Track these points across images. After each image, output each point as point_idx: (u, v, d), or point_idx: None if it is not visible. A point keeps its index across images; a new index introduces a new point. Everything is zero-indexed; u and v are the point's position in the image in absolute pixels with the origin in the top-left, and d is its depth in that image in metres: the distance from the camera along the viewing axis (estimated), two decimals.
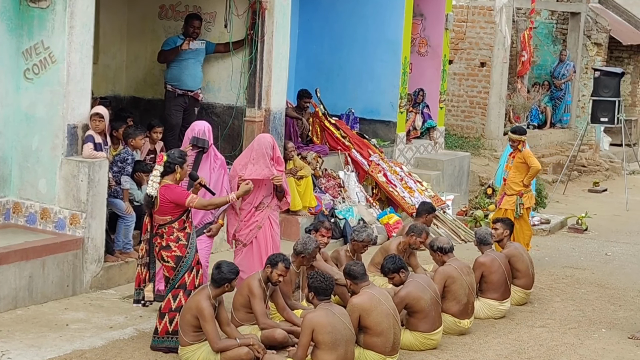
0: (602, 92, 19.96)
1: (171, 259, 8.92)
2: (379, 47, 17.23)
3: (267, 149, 10.21)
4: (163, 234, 8.93)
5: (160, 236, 8.96)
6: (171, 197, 8.88)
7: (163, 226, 8.94)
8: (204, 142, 9.85)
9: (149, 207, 8.94)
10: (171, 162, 8.95)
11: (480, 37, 22.21)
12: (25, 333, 9.21)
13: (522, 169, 13.20)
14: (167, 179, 8.95)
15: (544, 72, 25.44)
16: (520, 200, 13.14)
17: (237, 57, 13.64)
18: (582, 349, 10.16)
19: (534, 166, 13.16)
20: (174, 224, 8.94)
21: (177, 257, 8.92)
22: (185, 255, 8.95)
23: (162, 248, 8.93)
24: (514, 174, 13.24)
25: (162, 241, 8.94)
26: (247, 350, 8.59)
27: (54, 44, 10.53)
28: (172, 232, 8.93)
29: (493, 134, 22.09)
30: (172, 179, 8.98)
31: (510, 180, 13.26)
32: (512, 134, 13.39)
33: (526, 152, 13.31)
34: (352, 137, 15.97)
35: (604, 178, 23.38)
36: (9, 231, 10.66)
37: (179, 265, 8.93)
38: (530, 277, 11.77)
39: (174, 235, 8.94)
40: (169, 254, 8.92)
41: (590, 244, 15.64)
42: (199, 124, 10.02)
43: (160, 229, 8.95)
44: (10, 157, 10.84)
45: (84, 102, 10.74)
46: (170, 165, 8.95)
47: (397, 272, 9.80)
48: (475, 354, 9.78)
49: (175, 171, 8.98)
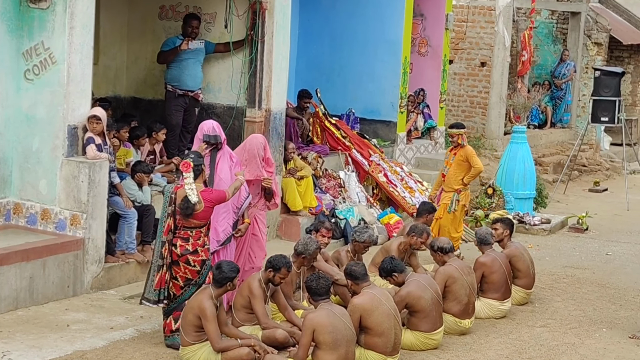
0: (603, 91, 19.95)
1: (197, 263, 9.03)
2: (380, 47, 17.24)
3: (259, 150, 10.22)
4: (189, 238, 9.01)
5: (185, 239, 9.01)
6: (214, 198, 9.07)
7: (190, 229, 9.02)
8: (217, 138, 9.74)
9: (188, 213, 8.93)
10: (197, 164, 9.02)
11: (481, 37, 22.21)
12: (26, 334, 9.21)
13: (463, 166, 13.11)
14: (198, 182, 9.05)
15: (544, 71, 25.43)
16: (457, 196, 13.06)
17: (237, 57, 13.63)
18: (583, 348, 10.16)
19: (476, 167, 13.09)
20: (202, 229, 9.07)
21: (202, 260, 9.05)
22: (209, 257, 9.17)
23: (188, 252, 8.99)
24: (455, 171, 13.16)
25: (186, 245, 8.99)
26: (248, 350, 8.59)
27: (54, 44, 10.53)
28: (200, 237, 9.05)
29: (493, 134, 22.08)
30: (201, 181, 9.14)
31: (450, 177, 13.17)
32: (450, 129, 13.32)
33: (469, 151, 13.22)
34: (352, 137, 15.98)
35: (604, 178, 23.38)
36: (10, 232, 10.66)
37: (203, 268, 9.06)
38: (531, 277, 11.76)
39: (201, 240, 9.06)
40: (196, 259, 9.03)
41: (590, 244, 15.64)
42: (207, 123, 9.91)
43: (185, 232, 9.02)
44: (11, 158, 10.84)
45: (84, 102, 10.74)
46: (198, 167, 9.05)
47: (389, 276, 9.80)
48: (476, 354, 9.78)
49: (202, 171, 9.15)
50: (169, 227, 9.04)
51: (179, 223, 9.03)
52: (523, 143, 17.23)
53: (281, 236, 13.76)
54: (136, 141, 12.37)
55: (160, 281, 9.03)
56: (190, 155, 9.16)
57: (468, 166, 13.13)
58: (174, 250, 8.99)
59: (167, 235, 9.03)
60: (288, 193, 13.73)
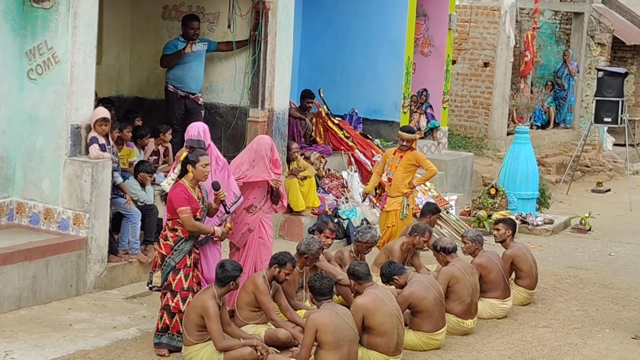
0: (606, 92, 19.95)
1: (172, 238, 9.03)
2: (382, 48, 17.23)
3: (267, 150, 10.06)
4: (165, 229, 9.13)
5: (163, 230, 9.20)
6: (171, 196, 8.99)
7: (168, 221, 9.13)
8: (200, 143, 9.45)
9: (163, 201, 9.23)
10: (186, 161, 9.00)
11: (484, 37, 22.20)
12: (28, 333, 9.21)
13: (411, 170, 12.79)
14: (184, 179, 9.03)
15: (547, 72, 25.43)
16: (407, 201, 12.76)
17: (240, 57, 13.64)
18: (585, 349, 10.16)
19: (432, 169, 12.80)
20: (169, 222, 9.08)
21: (162, 254, 9.06)
22: (170, 255, 9.01)
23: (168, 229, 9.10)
24: (402, 175, 12.75)
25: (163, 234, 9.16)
26: (251, 350, 8.59)
27: (57, 44, 10.53)
28: (165, 230, 9.12)
29: (496, 134, 22.08)
30: (188, 179, 9.03)
31: (398, 181, 12.77)
32: (405, 132, 12.93)
33: (420, 155, 12.95)
34: (355, 137, 15.97)
35: (607, 178, 23.38)
36: (13, 231, 10.67)
37: (163, 264, 9.04)
38: (533, 277, 11.76)
39: (165, 232, 9.09)
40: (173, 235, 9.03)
41: (593, 244, 15.64)
42: (193, 126, 9.67)
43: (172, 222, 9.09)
44: (14, 157, 10.84)
45: (87, 102, 10.74)
46: (185, 164, 9.00)
47: (390, 280, 9.79)
48: (479, 354, 9.77)
49: (187, 171, 8.99)
50: None
51: None
52: (526, 143, 17.23)
53: (284, 236, 13.76)
54: (139, 141, 12.38)
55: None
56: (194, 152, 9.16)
57: (415, 169, 12.83)
58: None
59: None
60: (291, 193, 13.72)
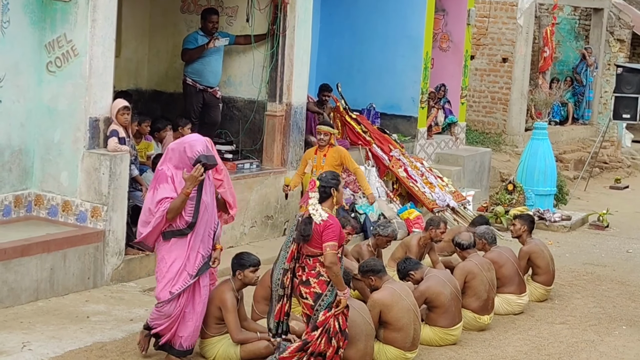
0: (625, 88, 19.91)
1: (310, 295, 8.09)
2: (401, 43, 17.21)
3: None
4: (305, 266, 8.11)
5: (303, 268, 8.13)
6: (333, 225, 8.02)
7: (308, 257, 8.12)
8: (209, 159, 8.20)
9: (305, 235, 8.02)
10: (325, 185, 8.14)
11: (502, 32, 22.15)
12: (46, 325, 9.25)
13: (338, 169, 12.25)
14: (325, 207, 8.12)
15: (566, 67, 25.36)
16: None
17: (258, 51, 13.64)
18: (602, 346, 10.13)
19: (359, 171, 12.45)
20: (321, 257, 8.04)
21: (315, 294, 8.07)
22: (326, 293, 8.09)
23: (301, 283, 8.12)
24: None
25: (303, 275, 8.12)
26: (267, 344, 8.59)
27: (76, 37, 10.56)
28: (315, 267, 8.10)
29: (514, 130, 22.04)
30: (329, 206, 8.17)
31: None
32: (325, 126, 12.51)
33: (343, 151, 12.52)
34: (373, 132, 15.96)
35: (625, 175, 23.30)
36: (31, 223, 10.71)
37: (318, 303, 8.08)
38: (550, 273, 11.74)
39: (317, 270, 8.09)
40: (308, 290, 8.09)
41: (611, 241, 15.59)
42: (199, 141, 8.30)
43: (305, 260, 8.14)
44: (33, 149, 10.88)
45: (106, 95, 10.77)
46: (325, 189, 8.15)
47: (406, 276, 9.78)
48: (495, 350, 9.76)
49: (331, 195, 8.17)
50: (292, 254, 8.18)
51: (302, 250, 8.16)
52: (544, 139, 17.19)
53: None
54: (157, 134, 12.41)
55: (280, 313, 8.27)
56: (326, 175, 8.29)
57: (340, 168, 12.37)
58: (295, 280, 8.18)
59: (290, 262, 8.19)
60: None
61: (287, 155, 13.53)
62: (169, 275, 8.25)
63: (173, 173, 8.22)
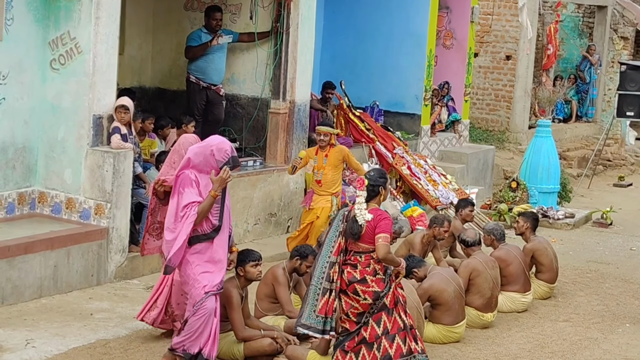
0: (629, 86, 19.88)
1: (368, 295, 8.00)
2: (404, 40, 17.21)
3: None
4: (357, 264, 8.04)
5: (354, 266, 8.05)
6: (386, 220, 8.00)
7: (359, 254, 8.07)
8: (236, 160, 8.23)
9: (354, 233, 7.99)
10: (374, 184, 8.09)
11: (506, 30, 22.14)
12: (49, 322, 9.26)
13: (340, 168, 12.23)
14: (372, 203, 8.10)
15: (570, 65, 25.34)
16: (337, 200, 12.31)
17: (262, 49, 13.65)
18: (605, 343, 10.13)
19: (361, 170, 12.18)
20: (373, 254, 8.01)
21: (374, 292, 7.99)
22: (384, 290, 8.05)
23: (356, 281, 8.00)
24: (333, 174, 12.13)
25: (354, 272, 8.03)
26: (271, 341, 8.61)
27: (80, 34, 10.57)
28: (369, 264, 8.02)
29: (518, 128, 22.04)
30: (377, 202, 8.15)
31: (329, 181, 12.13)
32: (325, 126, 12.24)
33: (346, 150, 12.34)
34: (376, 130, 15.96)
35: (629, 172, 23.29)
36: (35, 221, 10.72)
37: (376, 302, 8.01)
38: (554, 271, 11.73)
39: (371, 267, 8.02)
40: (365, 289, 7.99)
41: (614, 239, 15.58)
42: (224, 143, 8.21)
43: (355, 257, 8.08)
44: (36, 147, 10.89)
45: (109, 92, 10.78)
46: (374, 188, 8.10)
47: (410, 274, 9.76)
48: (499, 347, 9.76)
49: (379, 193, 8.14)
50: (339, 247, 8.04)
51: (349, 246, 8.10)
52: (548, 137, 17.17)
53: None
54: (161, 132, 12.42)
55: (328, 308, 8.00)
56: (373, 173, 8.25)
57: (342, 166, 12.30)
58: (342, 277, 8.04)
59: (337, 256, 8.05)
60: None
61: (291, 152, 13.54)
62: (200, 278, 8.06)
63: (197, 176, 8.08)
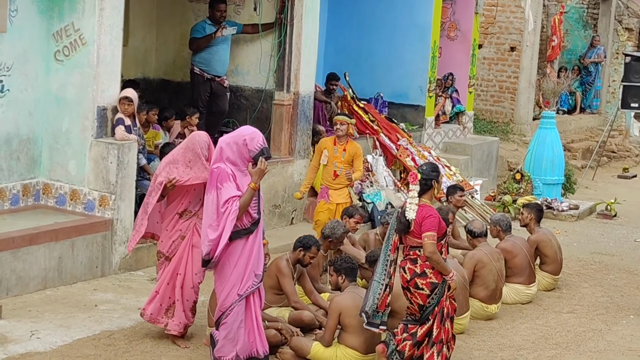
0: (633, 77, 19.86)
1: (427, 286, 8.05)
2: (408, 31, 17.18)
3: (203, 149, 8.56)
4: (417, 259, 8.08)
5: (413, 261, 8.11)
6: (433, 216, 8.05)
7: (417, 248, 8.09)
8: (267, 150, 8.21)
9: (401, 229, 8.08)
10: (427, 178, 8.09)
11: (510, 21, 22.10)
12: (54, 313, 9.27)
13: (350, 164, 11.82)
14: (424, 198, 8.12)
15: (574, 56, 25.31)
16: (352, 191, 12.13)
17: (266, 40, 13.64)
18: (609, 335, 10.13)
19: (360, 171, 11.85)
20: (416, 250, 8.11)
21: (432, 284, 8.06)
22: (441, 282, 8.08)
23: (416, 275, 8.05)
24: (346, 168, 11.77)
25: (414, 267, 8.08)
26: (275, 332, 8.61)
27: (84, 26, 10.56)
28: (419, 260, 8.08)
29: (522, 119, 22.02)
30: (429, 197, 8.16)
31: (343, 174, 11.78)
32: (342, 116, 12.03)
33: (360, 151, 11.87)
34: (380, 121, 15.95)
35: (633, 164, 23.28)
36: (39, 212, 10.73)
37: (434, 292, 8.07)
38: (558, 262, 11.73)
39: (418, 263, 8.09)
40: (424, 281, 8.05)
41: (619, 230, 15.57)
42: (256, 133, 8.14)
43: (414, 252, 8.12)
44: (41, 138, 10.90)
45: (113, 84, 10.78)
46: (427, 182, 8.10)
47: None
48: (503, 339, 9.76)
49: (432, 187, 8.15)
50: (394, 245, 8.15)
51: (406, 242, 8.15)
52: (552, 128, 17.15)
53: (308, 219, 13.76)
54: (165, 123, 12.42)
55: (384, 303, 8.17)
56: (422, 166, 8.25)
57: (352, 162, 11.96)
58: (404, 275, 8.11)
59: (394, 253, 8.15)
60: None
61: (295, 144, 13.53)
62: (234, 278, 7.97)
63: (232, 170, 7.95)
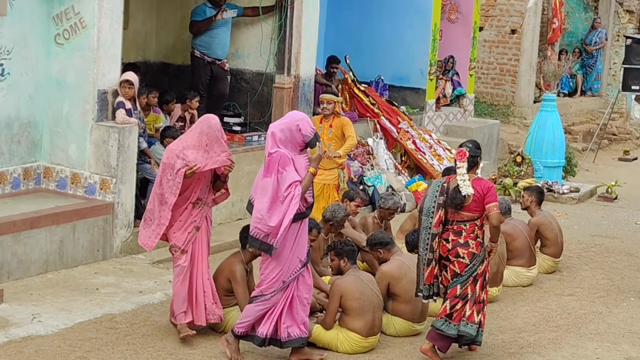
0: (634, 60, 19.84)
1: (467, 255, 8.32)
2: (409, 14, 17.14)
3: (219, 131, 8.41)
4: (462, 231, 8.33)
5: (458, 233, 8.34)
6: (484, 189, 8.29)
7: (463, 222, 8.34)
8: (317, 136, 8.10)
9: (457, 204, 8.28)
10: (473, 155, 8.35)
11: (511, 4, 22.05)
12: (55, 297, 9.29)
13: (341, 139, 11.95)
14: (471, 174, 8.37)
15: (575, 39, 25.26)
16: (343, 172, 12.22)
17: (266, 23, 13.60)
18: (610, 317, 10.15)
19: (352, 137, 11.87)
20: (476, 221, 8.38)
21: (472, 254, 8.33)
22: (480, 252, 8.39)
23: (459, 245, 8.31)
24: (336, 146, 11.90)
25: (458, 238, 8.33)
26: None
27: (84, 9, 10.54)
28: (473, 230, 8.37)
29: (523, 102, 21.98)
30: (474, 172, 8.45)
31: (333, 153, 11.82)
32: (328, 95, 12.16)
33: (347, 120, 12.04)
34: (381, 104, 15.94)
35: (634, 147, 23.27)
36: (40, 196, 10.74)
37: (472, 262, 8.34)
38: (559, 245, 11.74)
39: (475, 233, 8.37)
40: (466, 251, 8.32)
41: (619, 213, 15.58)
42: (306, 118, 8.05)
43: (458, 226, 8.34)
44: (41, 122, 10.89)
45: (114, 67, 10.77)
46: (474, 158, 8.37)
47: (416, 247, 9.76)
48: (503, 321, 9.78)
49: (477, 164, 8.46)
50: (439, 220, 8.33)
51: (450, 217, 8.36)
52: (553, 111, 17.13)
53: None
54: (165, 106, 12.41)
55: (430, 276, 8.44)
56: (467, 144, 8.48)
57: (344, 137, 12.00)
58: (445, 245, 8.36)
59: (438, 227, 8.35)
60: None
61: None
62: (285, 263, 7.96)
63: (292, 155, 7.90)
